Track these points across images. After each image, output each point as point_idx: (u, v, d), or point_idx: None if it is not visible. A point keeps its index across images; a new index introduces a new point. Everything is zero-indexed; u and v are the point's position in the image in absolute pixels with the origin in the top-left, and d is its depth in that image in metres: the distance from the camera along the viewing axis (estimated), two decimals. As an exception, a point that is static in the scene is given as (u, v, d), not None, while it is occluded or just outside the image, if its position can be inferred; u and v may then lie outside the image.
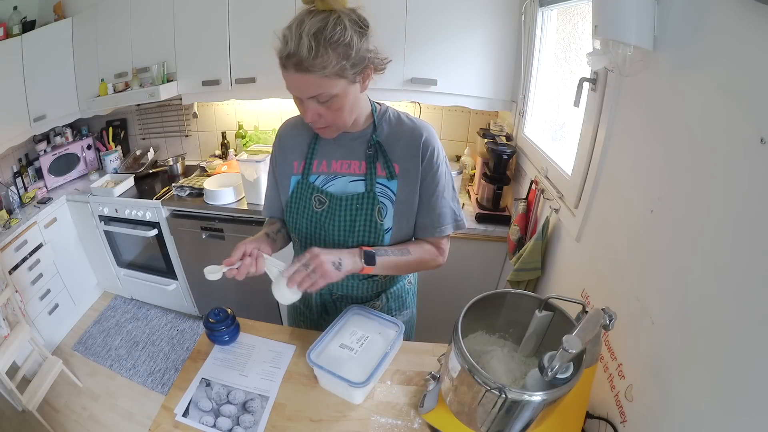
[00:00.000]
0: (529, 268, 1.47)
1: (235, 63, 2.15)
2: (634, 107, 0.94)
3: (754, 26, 0.58)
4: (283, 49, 0.78)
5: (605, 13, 0.85)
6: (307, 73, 0.77)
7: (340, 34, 0.77)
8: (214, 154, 2.71)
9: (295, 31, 0.76)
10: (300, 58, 0.76)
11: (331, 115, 0.85)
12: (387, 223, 0.98)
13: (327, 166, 1.00)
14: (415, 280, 1.26)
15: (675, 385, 0.70)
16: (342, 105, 0.84)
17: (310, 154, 1.01)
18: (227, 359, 1.03)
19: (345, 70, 0.80)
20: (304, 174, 1.00)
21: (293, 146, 1.04)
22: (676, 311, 0.72)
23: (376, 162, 0.97)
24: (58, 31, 2.31)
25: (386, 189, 0.98)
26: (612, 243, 1.01)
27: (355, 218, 0.97)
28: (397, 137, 0.98)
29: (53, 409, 2.06)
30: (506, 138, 1.92)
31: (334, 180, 0.99)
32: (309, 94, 0.81)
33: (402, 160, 0.97)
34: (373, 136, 0.97)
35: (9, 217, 2.21)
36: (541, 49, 1.77)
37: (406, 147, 0.97)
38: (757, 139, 0.55)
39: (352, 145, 0.99)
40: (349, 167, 0.99)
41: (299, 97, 0.83)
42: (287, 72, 0.79)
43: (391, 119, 1.00)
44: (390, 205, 0.98)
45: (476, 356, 0.82)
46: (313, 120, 0.86)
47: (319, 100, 0.82)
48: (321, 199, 0.99)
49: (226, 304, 1.12)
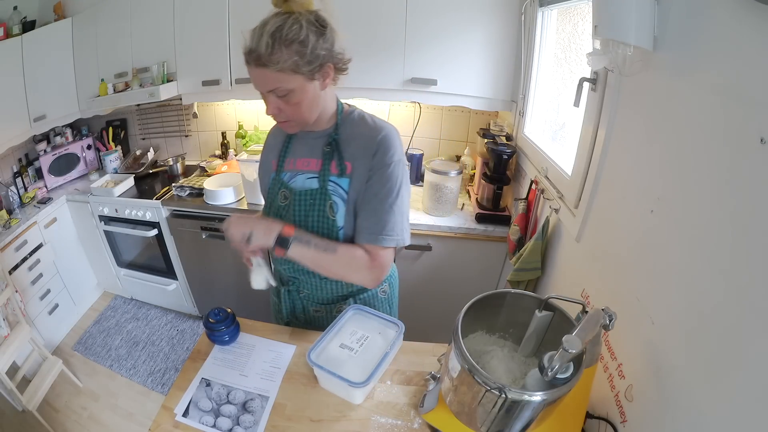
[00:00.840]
0: (529, 268, 1.47)
1: (235, 63, 2.15)
2: (634, 107, 0.94)
3: (754, 26, 0.58)
4: (246, 46, 0.85)
5: (605, 13, 0.85)
6: (264, 67, 0.84)
7: (295, 33, 0.83)
8: (214, 154, 2.71)
9: (258, 30, 0.84)
10: (258, 54, 0.83)
11: (290, 109, 0.91)
12: (339, 221, 0.99)
13: (293, 164, 1.06)
14: (392, 290, 1.23)
15: (675, 385, 0.70)
16: (300, 100, 0.89)
17: (283, 153, 1.08)
18: (227, 359, 1.03)
19: (299, 66, 0.85)
20: (278, 171, 1.07)
21: (273, 146, 1.12)
22: (676, 311, 0.72)
23: (331, 159, 1.00)
24: (58, 31, 2.30)
25: (337, 186, 0.99)
26: (612, 243, 1.01)
27: (308, 213, 1.01)
28: (355, 136, 0.99)
29: (53, 409, 2.06)
30: (506, 138, 1.92)
31: (296, 177, 1.04)
32: (267, 87, 0.88)
33: (354, 158, 0.98)
34: (333, 135, 1.00)
35: (9, 217, 2.21)
36: (541, 49, 1.77)
37: (360, 146, 0.97)
38: (757, 139, 0.55)
39: (314, 143, 1.03)
40: (308, 165, 1.03)
41: (260, 90, 0.90)
42: (249, 67, 0.87)
43: (355, 119, 1.01)
44: (342, 203, 0.99)
45: (476, 356, 0.82)
46: (273, 113, 0.92)
47: (278, 94, 0.88)
48: (285, 194, 1.05)
49: (226, 304, 1.13)
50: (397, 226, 0.96)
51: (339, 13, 2.03)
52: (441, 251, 2.00)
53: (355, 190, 0.98)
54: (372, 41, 1.93)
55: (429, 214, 2.01)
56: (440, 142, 2.48)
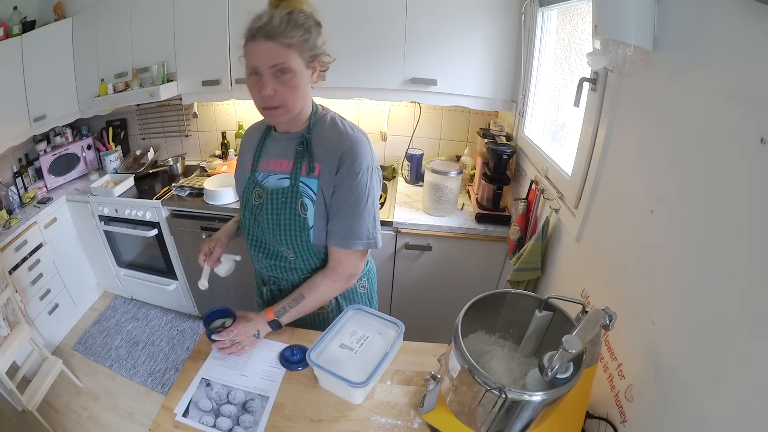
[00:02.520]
0: (529, 268, 1.47)
1: (235, 63, 2.15)
2: (634, 107, 0.94)
3: (754, 26, 0.58)
4: (255, 22, 0.88)
5: (605, 13, 0.85)
6: (273, 41, 0.87)
7: (303, 19, 0.90)
8: (214, 154, 2.71)
9: (267, 11, 0.89)
10: (271, 27, 0.86)
11: (286, 92, 0.92)
12: (310, 220, 1.02)
13: (266, 164, 1.08)
14: (371, 285, 1.27)
15: (675, 385, 0.70)
16: (296, 84, 0.92)
17: (257, 153, 1.10)
18: (227, 359, 1.03)
19: (303, 50, 0.91)
20: (252, 170, 1.10)
21: (248, 147, 1.14)
22: (676, 311, 0.72)
23: (302, 160, 1.01)
24: (58, 31, 2.30)
25: (307, 187, 1.01)
26: (612, 243, 1.01)
27: (281, 212, 1.02)
28: (324, 139, 1.01)
29: (53, 409, 2.06)
30: (506, 138, 1.92)
31: (268, 177, 1.06)
32: (271, 62, 0.89)
33: (322, 160, 1.00)
34: (305, 135, 1.01)
35: (9, 217, 2.21)
36: (541, 49, 1.77)
37: (327, 150, 1.00)
38: (757, 139, 0.55)
39: (287, 144, 1.04)
40: (280, 165, 1.05)
41: (261, 66, 0.89)
42: (255, 42, 0.88)
43: (326, 122, 1.03)
44: (311, 203, 1.01)
45: (476, 356, 0.82)
46: (270, 95, 0.91)
47: (279, 72, 0.90)
48: (259, 193, 1.07)
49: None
50: (367, 230, 1.02)
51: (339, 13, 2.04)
52: (441, 251, 2.00)
53: (322, 191, 1.01)
54: (372, 41, 1.93)
55: (429, 214, 2.01)
56: (440, 142, 2.48)
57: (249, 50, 0.91)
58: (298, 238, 1.03)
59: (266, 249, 1.11)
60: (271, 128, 1.10)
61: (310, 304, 1.07)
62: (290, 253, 1.06)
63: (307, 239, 1.03)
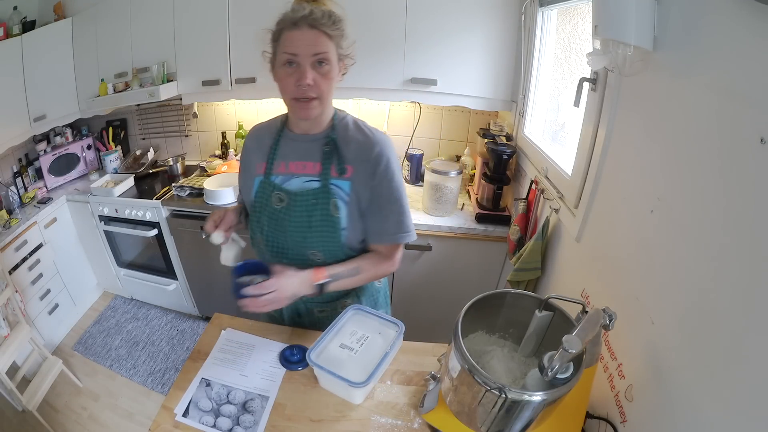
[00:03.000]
0: (529, 268, 1.47)
1: (235, 63, 2.15)
2: (634, 107, 0.94)
3: (753, 26, 0.58)
4: (296, 12, 0.88)
5: (605, 13, 0.85)
6: (319, 29, 0.88)
7: (339, 17, 0.92)
8: (214, 154, 2.71)
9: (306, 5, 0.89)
10: (316, 17, 0.87)
11: (324, 83, 0.92)
12: (342, 221, 1.00)
13: (285, 167, 1.04)
14: (384, 280, 1.28)
15: (675, 385, 0.70)
16: (332, 76, 0.93)
17: (272, 155, 1.06)
18: (227, 359, 1.03)
19: (339, 46, 0.93)
20: (266, 174, 1.05)
21: (257, 148, 1.10)
22: (675, 311, 0.72)
23: (331, 161, 1.00)
24: (58, 31, 2.30)
25: (338, 188, 1.00)
26: (612, 243, 1.01)
27: (312, 213, 1.00)
28: (351, 141, 1.01)
29: (53, 409, 2.06)
30: (506, 138, 1.92)
31: (291, 180, 1.03)
32: (314, 50, 0.88)
33: (353, 163, 1.00)
34: (331, 135, 1.01)
35: (9, 217, 2.21)
36: (541, 49, 1.77)
37: (358, 152, 1.00)
38: (757, 139, 0.55)
39: (310, 146, 1.02)
40: (305, 168, 1.02)
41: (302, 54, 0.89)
42: (298, 30, 0.88)
43: (348, 124, 1.04)
44: (343, 205, 1.00)
45: (476, 356, 0.82)
46: (309, 85, 0.90)
47: (319, 62, 0.90)
48: (280, 197, 1.03)
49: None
50: (410, 224, 1.06)
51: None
52: (441, 251, 2.00)
53: (356, 193, 1.00)
54: (372, 41, 1.93)
55: (429, 214, 2.01)
56: (440, 142, 2.48)
57: (289, 37, 0.89)
58: (330, 239, 1.01)
59: (289, 254, 1.05)
60: (284, 129, 1.07)
61: (362, 280, 1.07)
62: (319, 255, 1.03)
63: (339, 239, 1.02)
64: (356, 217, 1.02)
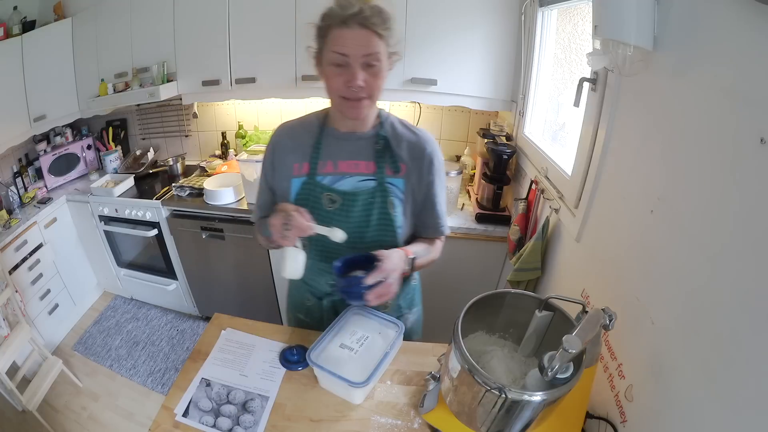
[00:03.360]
0: (529, 268, 1.47)
1: (235, 63, 2.15)
2: (634, 107, 0.94)
3: (753, 26, 0.58)
4: (344, 9, 0.84)
5: (605, 13, 0.85)
6: (370, 29, 0.85)
7: (390, 16, 0.88)
8: (214, 154, 2.70)
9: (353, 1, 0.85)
10: (367, 16, 0.84)
11: (374, 83, 0.90)
12: (398, 219, 1.01)
13: (333, 167, 1.01)
14: (418, 276, 1.28)
15: (675, 385, 0.70)
16: (382, 75, 0.90)
17: (315, 155, 1.01)
18: (227, 359, 1.03)
19: (389, 44, 0.90)
20: (311, 175, 1.00)
21: (292, 148, 1.03)
22: (676, 311, 0.72)
23: (385, 160, 1.00)
24: (58, 31, 2.30)
25: (394, 186, 1.00)
26: (612, 243, 1.01)
27: (370, 213, 0.99)
28: (402, 139, 1.01)
29: (53, 409, 2.06)
30: (506, 138, 1.92)
31: (343, 180, 1.00)
32: (365, 50, 0.86)
33: (407, 161, 1.00)
34: (381, 133, 1.00)
35: (9, 217, 2.21)
36: (541, 49, 1.77)
37: (411, 149, 1.01)
38: (757, 139, 0.55)
39: (360, 144, 1.01)
40: (357, 167, 1.00)
41: (353, 55, 0.86)
42: (348, 29, 0.84)
43: (394, 122, 1.04)
44: (399, 203, 1.01)
45: (476, 356, 0.82)
46: (361, 85, 0.88)
47: (369, 63, 0.87)
48: (332, 198, 0.99)
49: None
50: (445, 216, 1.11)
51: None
52: (441, 251, 2.00)
53: (410, 190, 1.01)
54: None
55: (429, 214, 2.01)
56: (440, 142, 2.48)
57: (338, 36, 0.85)
58: (387, 238, 1.01)
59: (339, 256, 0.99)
60: (326, 127, 1.02)
61: (429, 261, 1.08)
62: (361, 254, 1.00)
63: (395, 237, 1.02)
64: (408, 214, 1.03)
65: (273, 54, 2.07)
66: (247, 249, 2.22)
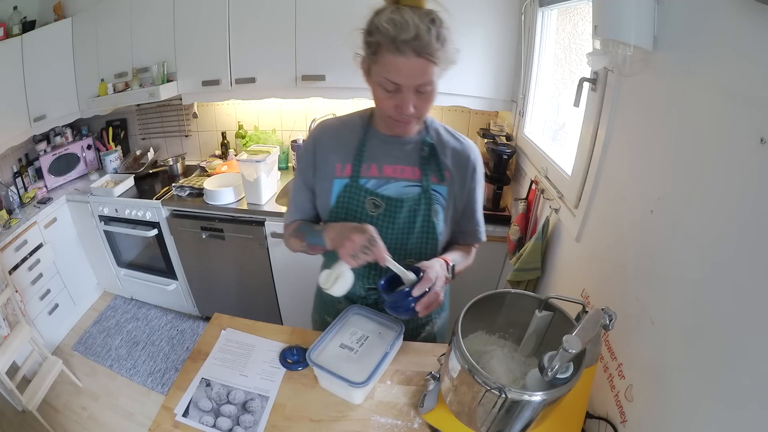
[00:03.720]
0: (529, 268, 1.47)
1: (235, 63, 2.15)
2: (634, 107, 0.94)
3: (754, 26, 0.58)
4: (400, 33, 0.76)
5: (605, 13, 0.85)
6: (427, 58, 0.78)
7: (447, 32, 0.81)
8: (214, 154, 2.70)
9: (416, 19, 0.76)
10: (424, 43, 0.76)
11: (424, 106, 0.86)
12: (439, 227, 1.00)
13: (378, 170, 0.98)
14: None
15: (675, 385, 0.70)
16: (433, 97, 0.86)
17: (358, 157, 0.98)
18: (227, 359, 1.03)
19: (444, 64, 0.83)
20: (354, 177, 0.98)
21: (336, 147, 1.00)
22: (676, 311, 0.72)
23: (430, 166, 0.99)
24: (58, 31, 2.30)
25: (438, 194, 1.00)
26: (612, 243, 1.01)
27: (414, 220, 0.98)
28: (447, 146, 1.01)
29: (53, 409, 2.06)
30: (506, 138, 1.92)
31: (387, 184, 0.98)
32: (420, 80, 0.80)
33: (451, 169, 1.00)
34: (426, 139, 0.99)
35: (9, 217, 2.21)
36: (541, 49, 1.77)
37: (455, 158, 1.00)
38: (757, 139, 0.55)
39: (406, 149, 0.99)
40: (403, 172, 0.99)
41: (406, 84, 0.81)
42: (403, 57, 0.77)
43: (438, 128, 1.03)
44: (441, 210, 1.00)
45: (476, 356, 0.82)
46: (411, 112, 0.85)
47: (421, 90, 0.82)
48: (376, 203, 0.97)
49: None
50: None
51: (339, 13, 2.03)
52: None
53: (452, 198, 1.01)
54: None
55: (429, 214, 2.01)
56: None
57: (391, 64, 0.79)
58: (428, 245, 1.01)
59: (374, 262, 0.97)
60: (370, 129, 0.99)
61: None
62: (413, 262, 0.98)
63: (436, 245, 1.02)
64: (448, 221, 1.03)
65: (273, 54, 2.07)
66: (247, 249, 2.22)
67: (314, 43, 1.99)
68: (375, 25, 0.80)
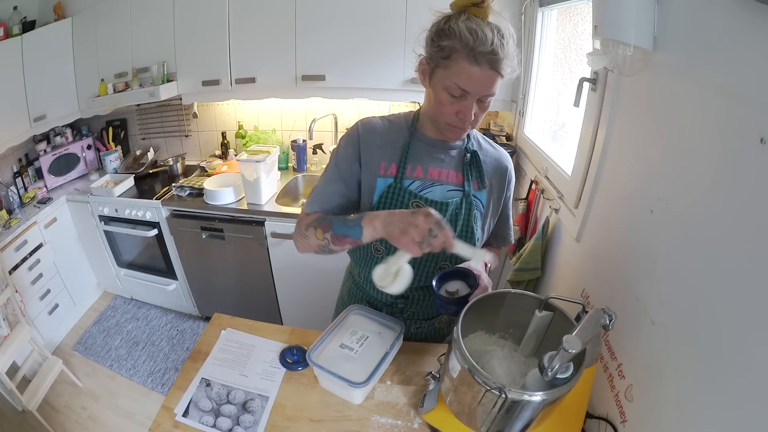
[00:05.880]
0: (529, 268, 1.47)
1: (235, 63, 2.15)
2: (634, 107, 0.94)
3: (753, 26, 0.58)
4: (479, 44, 0.77)
5: (605, 13, 0.85)
6: (498, 71, 0.80)
7: (515, 46, 0.82)
8: (214, 154, 2.70)
9: (490, 32, 0.78)
10: (498, 58, 0.78)
11: (481, 114, 0.89)
12: (478, 233, 1.01)
13: (423, 172, 0.98)
14: None
15: (675, 385, 0.70)
16: (489, 106, 0.89)
17: (404, 158, 0.97)
18: (227, 359, 1.03)
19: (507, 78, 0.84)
20: (398, 178, 0.97)
21: (382, 145, 0.98)
22: (676, 311, 0.72)
23: (472, 173, 1.00)
24: (58, 31, 2.30)
25: (477, 200, 1.01)
26: (612, 243, 1.01)
27: (455, 225, 0.98)
28: (487, 154, 1.03)
29: (53, 409, 2.06)
30: (506, 138, 1.92)
31: (432, 187, 0.98)
32: (487, 91, 0.83)
33: (490, 176, 1.02)
34: (469, 146, 1.01)
35: (9, 217, 2.21)
36: (541, 49, 1.77)
37: (494, 166, 1.03)
38: (757, 139, 0.55)
39: (450, 154, 1.00)
40: (447, 176, 0.99)
41: (474, 93, 0.83)
42: (477, 66, 0.79)
43: (477, 136, 1.05)
44: (480, 216, 1.02)
45: (476, 356, 0.82)
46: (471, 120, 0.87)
47: (482, 99, 0.85)
48: (419, 205, 0.96)
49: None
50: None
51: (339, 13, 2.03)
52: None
53: (489, 206, 1.03)
54: (372, 41, 1.93)
55: (429, 214, 2.00)
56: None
57: (464, 72, 0.80)
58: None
59: (420, 265, 0.99)
60: (415, 131, 0.99)
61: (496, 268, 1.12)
62: (447, 266, 1.00)
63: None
64: (485, 227, 1.05)
65: (273, 54, 2.07)
66: (247, 249, 2.22)
67: (314, 43, 1.99)
68: (453, 30, 0.81)
